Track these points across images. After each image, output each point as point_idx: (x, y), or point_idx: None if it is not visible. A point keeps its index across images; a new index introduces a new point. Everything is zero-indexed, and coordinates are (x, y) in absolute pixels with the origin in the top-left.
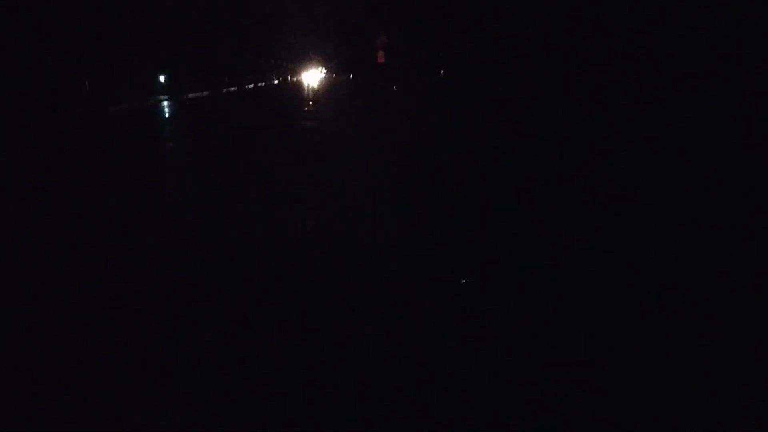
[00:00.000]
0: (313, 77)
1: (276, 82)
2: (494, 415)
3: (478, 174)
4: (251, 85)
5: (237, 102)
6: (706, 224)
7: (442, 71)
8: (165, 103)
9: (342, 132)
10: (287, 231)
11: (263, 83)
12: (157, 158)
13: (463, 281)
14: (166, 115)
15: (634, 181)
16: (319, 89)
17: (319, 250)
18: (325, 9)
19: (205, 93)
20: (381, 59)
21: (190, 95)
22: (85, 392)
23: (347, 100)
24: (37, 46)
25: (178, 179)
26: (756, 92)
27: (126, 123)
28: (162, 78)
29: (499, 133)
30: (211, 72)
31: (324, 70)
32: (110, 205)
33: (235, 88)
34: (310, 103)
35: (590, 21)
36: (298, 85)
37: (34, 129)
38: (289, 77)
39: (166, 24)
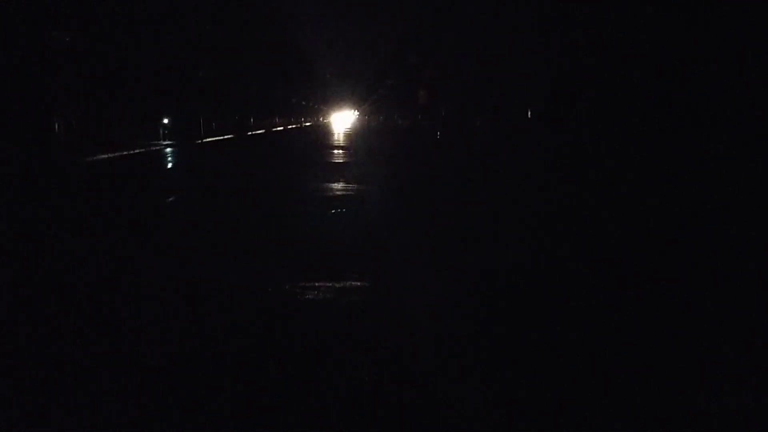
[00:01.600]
0: (345, 119)
1: (307, 124)
2: None
3: None
4: (280, 128)
5: (254, 149)
6: None
7: (530, 112)
8: (167, 150)
9: (390, 206)
10: None
11: (295, 125)
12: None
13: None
14: (153, 167)
15: None
16: (352, 135)
17: None
18: (361, 48)
19: (225, 137)
20: (424, 99)
21: (206, 140)
22: None
23: (387, 151)
24: None
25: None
26: None
27: (92, 179)
28: (166, 120)
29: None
30: (236, 114)
31: (357, 112)
32: None
33: (263, 131)
34: (344, 153)
35: None
36: (330, 129)
37: None
38: (321, 118)
39: (186, 64)
